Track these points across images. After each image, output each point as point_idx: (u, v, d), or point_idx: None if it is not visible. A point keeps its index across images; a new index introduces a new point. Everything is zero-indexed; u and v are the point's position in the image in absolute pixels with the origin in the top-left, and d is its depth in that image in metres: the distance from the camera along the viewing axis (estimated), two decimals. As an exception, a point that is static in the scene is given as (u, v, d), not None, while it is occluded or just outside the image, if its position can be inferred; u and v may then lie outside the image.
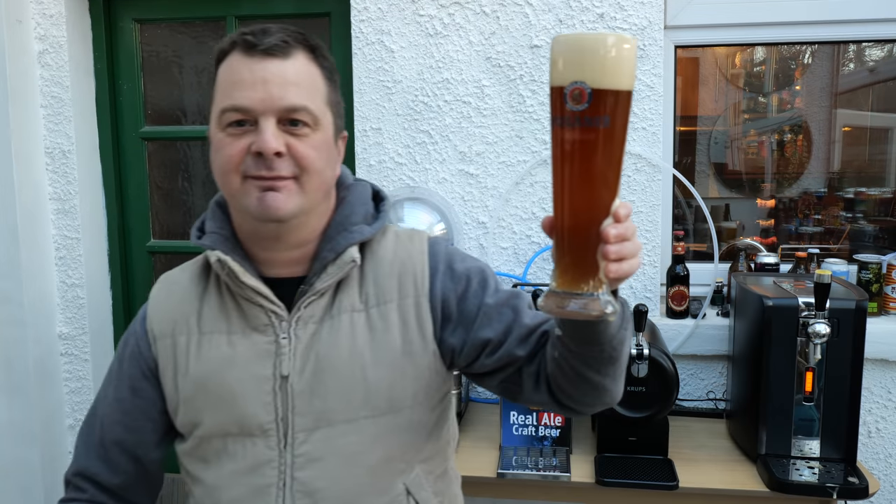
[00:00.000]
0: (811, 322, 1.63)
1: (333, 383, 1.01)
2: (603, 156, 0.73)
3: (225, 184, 0.99)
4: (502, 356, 1.06)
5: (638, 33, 2.11)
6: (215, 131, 0.99)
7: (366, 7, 2.22)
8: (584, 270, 0.75)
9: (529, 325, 1.07)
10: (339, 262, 1.02)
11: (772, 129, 2.46)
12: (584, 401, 1.02)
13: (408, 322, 1.05)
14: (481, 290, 1.09)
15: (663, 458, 1.80)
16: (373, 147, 2.28)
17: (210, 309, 1.06)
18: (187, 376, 1.04)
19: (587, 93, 0.70)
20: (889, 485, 2.14)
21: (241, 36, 0.97)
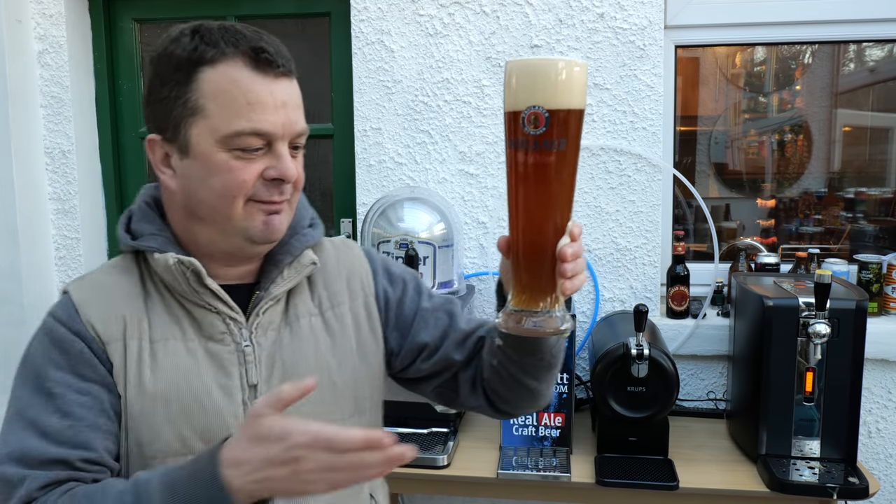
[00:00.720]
0: (811, 322, 1.63)
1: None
2: (559, 177, 0.76)
3: (224, 207, 0.92)
4: (438, 360, 1.09)
5: (638, 33, 2.11)
6: (214, 150, 0.89)
7: (366, 7, 2.21)
8: (540, 289, 0.78)
9: (465, 330, 1.11)
10: (296, 266, 1.02)
11: (772, 129, 2.46)
12: (518, 405, 1.07)
13: (360, 324, 1.07)
14: (417, 295, 1.13)
15: (663, 458, 1.80)
16: (373, 147, 2.27)
17: (157, 315, 0.96)
18: (141, 388, 0.93)
19: (544, 117, 0.73)
20: (889, 485, 2.13)
21: (253, 49, 0.90)
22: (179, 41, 0.91)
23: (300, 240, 1.03)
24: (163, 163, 0.94)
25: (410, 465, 1.78)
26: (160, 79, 0.91)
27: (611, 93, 2.14)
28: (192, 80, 0.89)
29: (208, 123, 0.89)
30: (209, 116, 0.89)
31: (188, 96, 0.89)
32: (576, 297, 2.23)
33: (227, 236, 0.95)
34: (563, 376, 1.84)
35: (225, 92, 0.88)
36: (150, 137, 0.94)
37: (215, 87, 0.89)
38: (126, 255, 1.01)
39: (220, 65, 0.89)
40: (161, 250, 0.95)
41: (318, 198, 2.54)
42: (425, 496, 2.35)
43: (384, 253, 1.98)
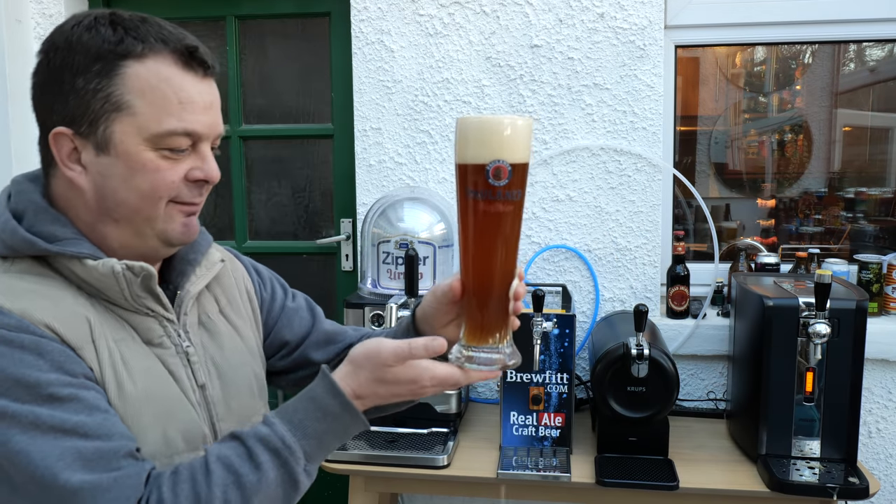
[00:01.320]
0: (812, 322, 1.63)
1: (238, 383, 1.02)
2: (515, 223, 0.82)
3: (147, 208, 0.88)
4: (297, 359, 1.15)
5: (638, 33, 2.11)
6: (141, 149, 0.85)
7: (366, 7, 2.21)
8: (493, 328, 0.85)
9: (328, 331, 1.18)
10: (206, 264, 1.02)
11: (772, 129, 2.46)
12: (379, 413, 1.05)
13: (249, 317, 1.11)
14: (283, 294, 1.19)
15: (664, 458, 1.80)
16: (373, 147, 2.27)
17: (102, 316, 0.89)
18: (123, 391, 0.86)
19: (507, 169, 0.78)
20: (889, 485, 2.13)
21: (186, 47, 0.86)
22: (97, 30, 0.84)
23: (204, 238, 1.03)
24: (69, 158, 0.87)
25: (410, 465, 1.78)
26: (72, 68, 0.84)
27: (611, 93, 2.14)
28: (116, 74, 0.84)
29: (135, 121, 0.84)
30: (136, 114, 0.84)
31: (111, 91, 0.84)
32: (576, 296, 2.23)
33: (144, 238, 0.91)
34: (563, 376, 1.84)
35: (155, 89, 0.84)
36: (57, 130, 0.85)
37: (144, 84, 0.84)
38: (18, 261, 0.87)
39: (147, 60, 0.84)
40: (94, 256, 0.87)
41: (318, 198, 2.54)
42: (425, 496, 2.35)
43: (384, 253, 1.98)
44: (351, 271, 2.48)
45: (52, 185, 0.91)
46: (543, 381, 1.85)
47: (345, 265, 2.48)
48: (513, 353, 0.85)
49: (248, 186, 2.55)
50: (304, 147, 2.53)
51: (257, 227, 2.58)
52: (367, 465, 1.80)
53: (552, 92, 2.17)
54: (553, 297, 2.09)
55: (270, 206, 2.57)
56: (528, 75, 2.17)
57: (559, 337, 1.82)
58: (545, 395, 1.85)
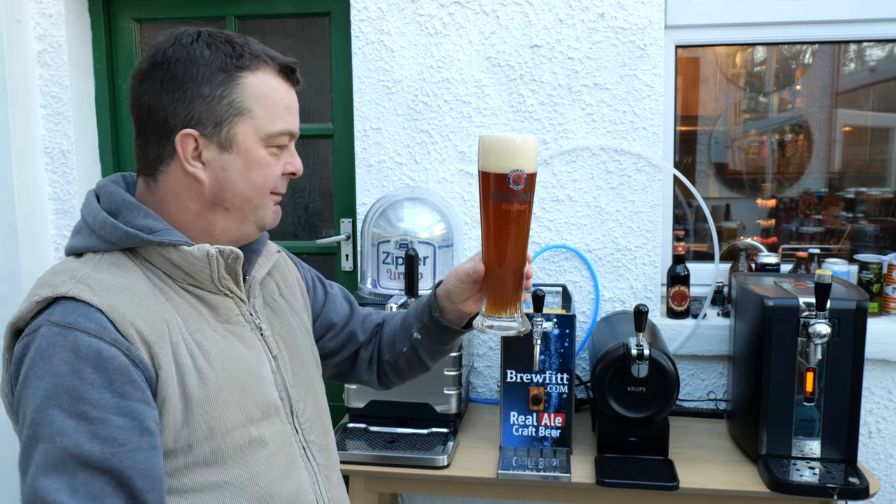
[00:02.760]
0: (812, 322, 1.63)
1: (303, 356, 1.16)
2: (527, 219, 1.05)
3: (257, 197, 1.03)
4: (344, 338, 1.32)
5: (638, 33, 2.11)
6: (257, 147, 1.01)
7: (366, 7, 2.21)
8: (509, 301, 1.07)
9: (363, 314, 1.37)
10: (266, 253, 1.16)
11: (772, 129, 2.46)
12: (408, 379, 1.34)
13: (301, 302, 1.24)
14: (321, 282, 1.36)
15: (664, 458, 1.79)
16: (373, 147, 2.27)
17: (181, 306, 0.98)
18: (203, 376, 0.95)
19: (524, 177, 1.01)
20: (890, 485, 2.13)
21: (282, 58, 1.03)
22: (216, 46, 0.99)
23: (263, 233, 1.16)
24: (192, 156, 1.00)
25: (410, 465, 1.78)
26: (196, 78, 0.97)
27: (611, 93, 2.14)
28: (237, 84, 0.99)
29: (254, 123, 1.00)
30: (255, 117, 1.00)
31: (234, 97, 0.99)
32: (576, 296, 2.23)
33: (245, 224, 1.05)
34: (563, 376, 1.84)
35: (268, 97, 1.01)
36: (185, 132, 0.98)
37: (259, 92, 1.00)
38: (110, 254, 0.98)
39: (259, 73, 1.01)
40: (188, 243, 0.99)
41: (318, 198, 2.54)
42: (425, 496, 2.35)
43: (384, 253, 1.98)
44: (351, 271, 2.48)
45: (163, 181, 1.02)
46: (543, 382, 1.84)
47: (345, 265, 2.48)
48: (524, 320, 1.07)
49: (248, 186, 2.54)
50: (304, 147, 2.53)
51: (257, 227, 2.57)
52: (366, 466, 1.80)
53: (552, 92, 2.17)
54: (553, 297, 2.09)
55: (270, 206, 2.57)
56: (528, 75, 2.17)
57: (559, 337, 1.82)
58: (545, 396, 1.85)
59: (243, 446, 0.99)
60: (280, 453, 1.04)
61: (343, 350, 1.33)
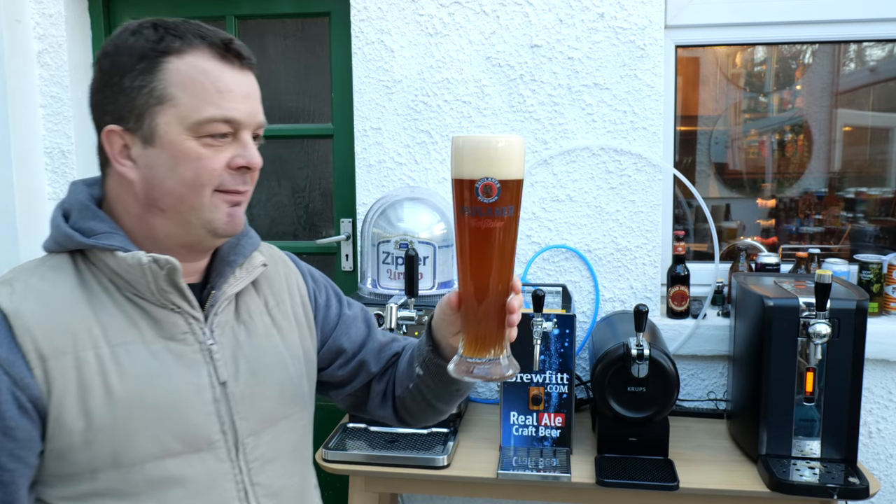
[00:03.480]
0: (812, 322, 1.63)
1: (268, 383, 1.02)
2: (508, 239, 0.85)
3: (191, 196, 0.91)
4: (354, 367, 1.17)
5: (638, 33, 2.11)
6: (183, 138, 0.89)
7: (366, 6, 2.21)
8: (490, 340, 0.88)
9: (381, 342, 1.20)
10: (247, 266, 1.04)
11: (772, 129, 2.46)
12: (423, 419, 1.17)
13: (300, 322, 1.12)
14: (338, 301, 1.21)
15: (664, 458, 1.79)
16: (373, 147, 2.27)
17: (110, 318, 0.91)
18: (112, 397, 0.87)
19: (496, 187, 0.82)
20: (890, 485, 2.13)
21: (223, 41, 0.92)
22: (140, 33, 0.90)
23: (248, 242, 1.06)
24: (121, 154, 0.92)
25: (410, 465, 1.78)
26: (120, 70, 0.90)
27: (611, 93, 2.14)
28: (159, 70, 0.89)
29: (177, 111, 0.89)
30: (178, 104, 0.89)
31: (154, 85, 0.89)
32: (576, 296, 2.23)
33: (190, 228, 0.94)
34: (563, 376, 1.84)
35: (194, 80, 0.89)
36: (108, 128, 0.91)
37: (184, 77, 0.89)
38: (57, 255, 0.94)
39: (187, 55, 0.90)
40: (125, 249, 0.91)
41: (318, 198, 2.54)
42: (425, 496, 2.35)
43: (384, 253, 1.98)
44: (351, 271, 2.48)
45: (107, 183, 0.96)
46: (543, 382, 1.84)
47: (345, 265, 2.48)
48: (509, 364, 0.88)
49: (248, 186, 2.54)
50: (304, 147, 2.53)
51: (257, 227, 2.55)
52: (367, 466, 1.80)
53: (552, 92, 2.17)
54: (553, 297, 2.09)
55: (270, 206, 2.57)
56: (528, 75, 2.17)
57: (559, 337, 1.82)
58: (545, 396, 1.85)
59: (158, 482, 0.89)
60: (203, 495, 0.92)
61: (354, 380, 1.18)
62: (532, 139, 2.19)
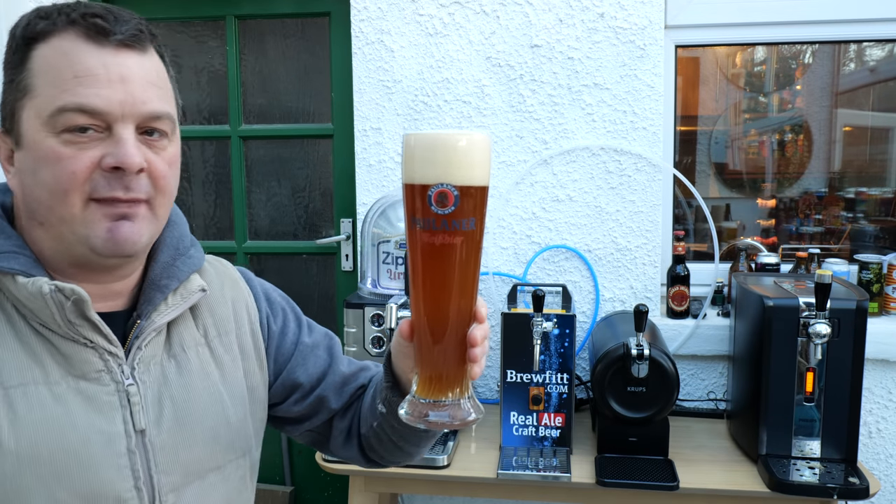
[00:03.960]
0: (812, 322, 1.63)
1: (198, 429, 0.87)
2: (468, 258, 0.70)
3: (59, 206, 0.76)
4: (312, 403, 1.01)
5: (638, 33, 2.11)
6: (42, 135, 0.75)
7: (366, 6, 2.21)
8: (448, 378, 0.73)
9: (345, 374, 1.04)
10: (182, 292, 0.88)
11: (772, 129, 2.46)
12: (392, 461, 1.03)
13: (247, 353, 0.97)
14: (297, 327, 1.04)
15: (664, 458, 1.79)
16: (373, 147, 2.27)
17: (9, 353, 0.77)
18: (6, 449, 0.74)
19: (453, 195, 0.67)
20: (890, 485, 2.13)
21: (85, 16, 0.76)
22: (20, 22, 0.79)
23: (186, 262, 0.90)
24: (7, 160, 0.80)
25: (410, 465, 1.78)
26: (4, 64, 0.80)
27: (611, 93, 2.14)
28: (27, 59, 0.77)
29: (35, 104, 0.76)
30: (36, 96, 0.76)
31: (20, 77, 0.77)
32: (576, 296, 2.23)
33: (68, 245, 0.79)
34: (563, 376, 1.84)
35: (53, 67, 0.75)
36: None
37: (45, 63, 0.76)
38: None
39: (52, 39, 0.76)
40: (26, 273, 0.78)
41: (318, 198, 2.54)
42: (425, 496, 2.35)
43: (384, 253, 1.98)
44: (351, 271, 2.48)
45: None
46: (543, 381, 1.84)
47: (345, 265, 2.48)
48: (472, 407, 0.73)
49: (248, 186, 2.55)
50: (304, 147, 2.53)
51: (257, 227, 2.58)
52: (367, 466, 1.80)
53: (552, 92, 2.17)
54: (553, 297, 2.09)
55: (270, 206, 2.57)
56: (528, 75, 2.17)
57: (559, 337, 1.82)
58: (545, 396, 1.85)
59: None
60: None
61: (313, 417, 1.03)
62: (532, 139, 2.19)
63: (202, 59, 2.52)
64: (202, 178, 2.59)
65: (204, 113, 2.54)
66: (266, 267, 2.58)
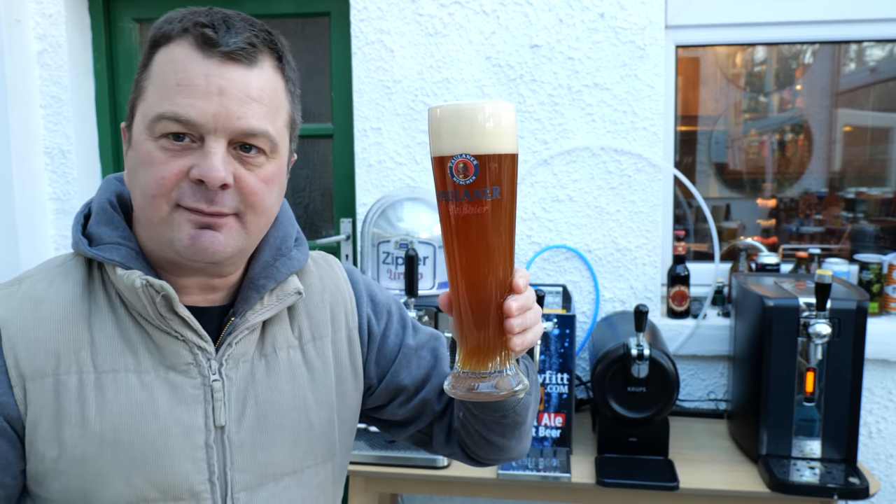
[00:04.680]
0: (812, 322, 1.63)
1: (279, 432, 0.88)
2: (496, 228, 0.71)
3: (148, 208, 0.79)
4: (417, 405, 1.01)
5: (638, 33, 2.11)
6: (143, 138, 0.78)
7: (366, 6, 2.21)
8: (489, 349, 0.74)
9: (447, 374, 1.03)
10: (279, 293, 0.89)
11: (773, 129, 2.45)
12: (490, 458, 1.01)
13: (341, 359, 0.96)
14: (401, 329, 1.02)
15: (664, 458, 1.79)
16: (373, 147, 2.27)
17: (106, 339, 0.81)
18: (86, 429, 0.78)
19: (473, 165, 0.68)
20: (890, 485, 2.13)
21: (197, 25, 0.77)
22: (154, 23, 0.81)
23: (286, 263, 0.90)
24: (126, 154, 0.84)
25: (410, 465, 1.78)
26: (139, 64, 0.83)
27: (611, 93, 2.14)
28: (150, 62, 0.79)
29: (143, 107, 0.78)
30: (146, 99, 0.78)
31: (141, 77, 0.80)
32: (576, 296, 2.23)
33: (160, 245, 0.82)
34: (563, 376, 1.84)
35: (162, 73, 0.77)
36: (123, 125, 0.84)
37: (158, 68, 0.78)
38: (77, 258, 0.85)
39: (170, 45, 0.78)
40: (125, 265, 0.81)
41: (318, 198, 2.54)
42: (425, 496, 2.35)
43: (384, 253, 1.97)
44: (351, 271, 2.48)
45: None
46: (543, 382, 1.84)
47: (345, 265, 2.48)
48: (517, 375, 0.74)
49: (248, 186, 2.54)
50: (304, 147, 2.53)
51: (257, 227, 2.57)
52: (367, 466, 1.80)
53: (552, 92, 2.17)
54: (553, 297, 2.09)
55: (270, 206, 2.57)
56: (528, 75, 2.17)
57: (559, 337, 1.82)
58: (545, 396, 1.85)
59: None
60: None
61: (418, 419, 1.02)
62: (532, 139, 2.19)
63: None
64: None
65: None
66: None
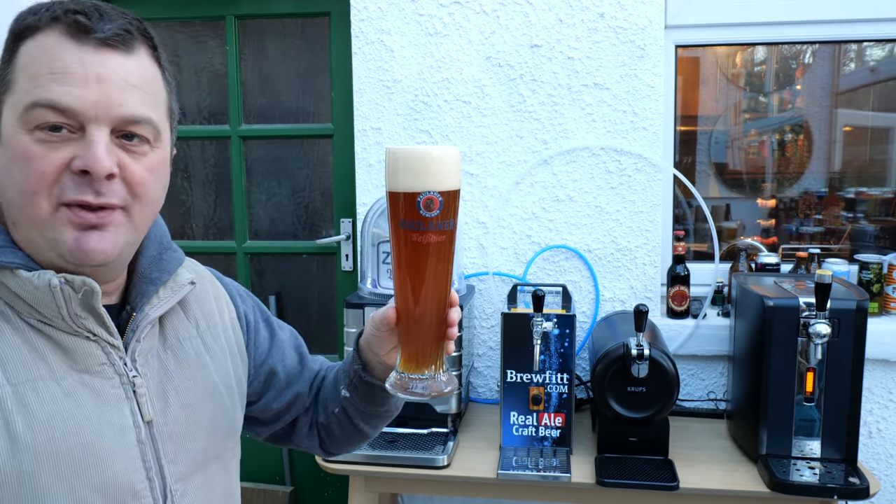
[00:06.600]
0: (812, 322, 1.63)
1: (202, 419, 0.90)
2: (447, 252, 0.82)
3: (28, 207, 0.74)
4: (290, 399, 1.07)
5: (638, 33, 2.11)
6: (15, 131, 0.74)
7: (366, 6, 2.21)
8: (427, 357, 0.85)
9: (314, 370, 1.11)
10: (172, 285, 0.89)
11: (772, 129, 2.45)
12: (347, 445, 1.11)
13: (231, 346, 1.00)
14: (266, 323, 1.08)
15: (664, 458, 1.79)
16: (373, 147, 2.27)
17: (11, 350, 0.75)
18: (16, 445, 0.72)
19: (438, 200, 0.79)
20: (890, 485, 2.13)
21: (68, 13, 0.74)
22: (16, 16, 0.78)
23: (172, 256, 0.91)
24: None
25: (410, 466, 1.78)
26: None
27: (611, 93, 2.14)
28: (14, 56, 0.76)
29: (13, 100, 0.74)
30: (15, 91, 0.74)
31: (6, 72, 0.76)
32: (576, 296, 2.23)
33: (40, 249, 0.77)
34: (563, 376, 1.84)
35: (32, 63, 0.74)
36: None
37: (27, 59, 0.75)
38: None
39: (37, 35, 0.75)
40: (27, 267, 0.76)
41: (318, 198, 2.54)
42: (425, 496, 2.35)
43: (384, 253, 1.98)
44: (351, 271, 2.48)
45: None
46: (543, 381, 1.84)
47: (345, 265, 2.48)
48: (448, 380, 0.86)
49: (248, 186, 2.55)
50: (304, 147, 2.53)
51: (257, 227, 2.58)
52: (367, 466, 1.80)
53: (552, 92, 2.17)
54: (553, 297, 2.09)
55: (270, 206, 2.57)
56: (528, 75, 2.17)
57: (559, 337, 1.82)
58: (545, 396, 1.85)
59: None
60: None
61: (286, 414, 1.08)
62: (532, 139, 2.19)
63: (202, 59, 2.52)
64: (202, 178, 2.59)
65: (204, 113, 2.54)
66: (266, 267, 2.58)
